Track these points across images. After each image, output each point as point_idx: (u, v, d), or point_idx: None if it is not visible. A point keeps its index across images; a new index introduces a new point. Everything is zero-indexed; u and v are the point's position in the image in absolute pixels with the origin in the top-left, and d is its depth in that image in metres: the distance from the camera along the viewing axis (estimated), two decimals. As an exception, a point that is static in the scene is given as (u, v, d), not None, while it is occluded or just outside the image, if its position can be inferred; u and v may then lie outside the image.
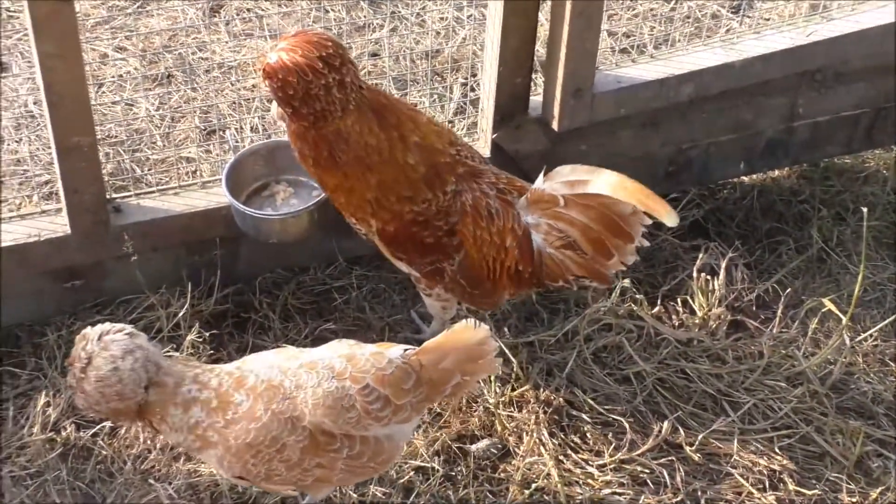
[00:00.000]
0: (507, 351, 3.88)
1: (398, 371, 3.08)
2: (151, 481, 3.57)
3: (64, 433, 3.68)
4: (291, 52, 3.32)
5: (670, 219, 3.34)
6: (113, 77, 4.61)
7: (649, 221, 3.45)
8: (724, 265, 4.18)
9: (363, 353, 3.13)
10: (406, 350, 3.14)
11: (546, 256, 3.54)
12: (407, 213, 3.52)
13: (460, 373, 3.13)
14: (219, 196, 3.93)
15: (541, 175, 3.52)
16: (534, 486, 3.61)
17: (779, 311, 4.11)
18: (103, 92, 4.56)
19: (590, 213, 3.44)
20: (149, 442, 3.68)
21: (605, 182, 3.39)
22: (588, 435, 3.77)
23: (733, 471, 3.70)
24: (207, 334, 3.91)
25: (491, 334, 3.14)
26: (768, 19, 4.68)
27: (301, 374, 3.09)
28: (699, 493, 3.63)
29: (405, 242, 3.58)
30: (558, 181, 3.47)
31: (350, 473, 3.18)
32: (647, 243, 3.53)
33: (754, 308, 4.19)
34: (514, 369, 3.88)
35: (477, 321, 3.15)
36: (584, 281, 3.58)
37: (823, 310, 4.01)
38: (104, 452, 3.66)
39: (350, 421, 3.07)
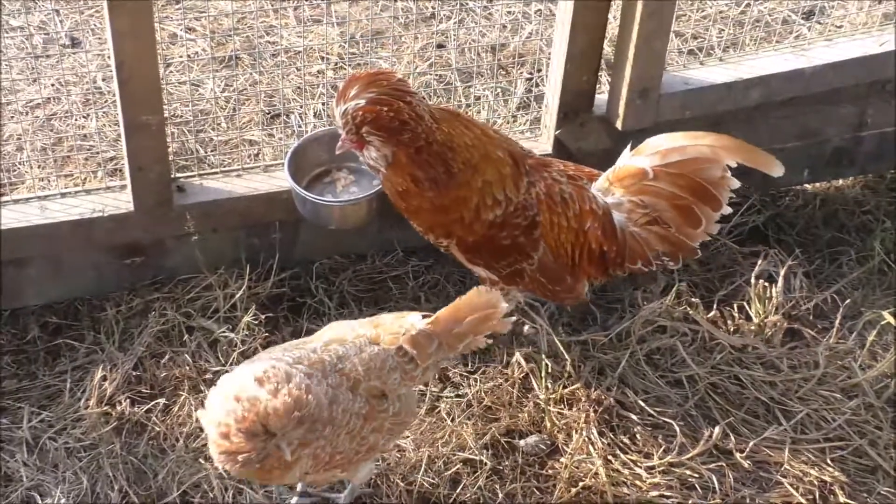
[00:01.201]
0: (561, 348, 3.89)
1: (422, 335, 3.19)
2: (202, 460, 3.60)
3: (119, 407, 3.73)
4: (365, 95, 3.39)
5: (777, 169, 3.42)
6: (181, 57, 4.65)
7: (737, 185, 3.50)
8: (782, 273, 4.14)
9: (386, 320, 3.25)
10: (423, 316, 3.24)
11: (629, 235, 3.55)
12: (490, 217, 3.55)
13: (473, 333, 3.24)
14: (280, 180, 3.96)
15: (626, 150, 3.53)
16: (581, 484, 3.61)
17: (836, 322, 4.07)
18: (171, 71, 4.61)
19: (680, 182, 3.46)
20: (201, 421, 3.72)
21: (705, 144, 3.42)
22: (638, 436, 3.75)
23: (783, 480, 3.67)
24: (263, 317, 3.94)
25: (501, 297, 3.24)
26: (840, 27, 4.63)
27: (335, 349, 3.14)
28: (748, 501, 3.61)
29: (481, 247, 3.60)
30: (648, 153, 3.48)
31: (391, 434, 3.27)
32: (730, 210, 3.57)
33: (811, 317, 4.15)
34: (567, 367, 3.88)
35: (487, 287, 3.27)
36: (664, 259, 3.58)
37: (882, 322, 3.98)
38: (157, 429, 3.70)
39: (395, 382, 3.16)
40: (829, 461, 3.72)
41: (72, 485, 3.55)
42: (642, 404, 3.82)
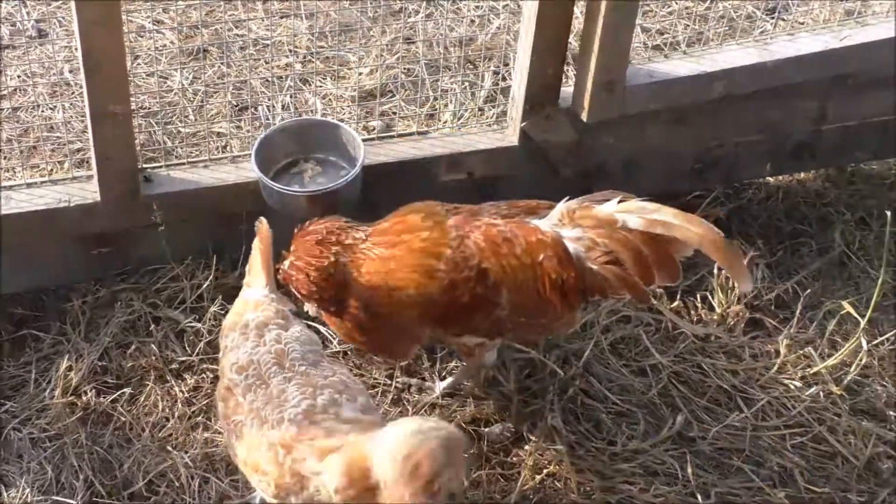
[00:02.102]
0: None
1: (277, 292, 3.42)
2: (169, 448, 3.61)
3: (84, 398, 3.74)
4: (292, 255, 3.55)
5: (746, 285, 3.31)
6: (149, 49, 4.66)
7: (691, 252, 3.36)
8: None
9: (258, 312, 3.32)
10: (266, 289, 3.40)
11: (587, 270, 3.38)
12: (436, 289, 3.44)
13: None
14: (248, 171, 3.97)
15: (614, 200, 3.36)
16: (545, 471, 3.64)
17: (797, 312, 4.12)
18: (139, 64, 4.61)
19: (650, 244, 3.32)
20: (167, 410, 3.73)
21: (694, 232, 3.25)
22: (602, 424, 3.79)
23: (744, 466, 3.72)
24: (230, 307, 3.94)
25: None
26: (803, 23, 4.68)
27: (294, 358, 3.19)
28: (709, 487, 3.65)
29: (450, 314, 3.47)
30: (636, 213, 3.31)
31: None
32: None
33: (773, 307, 4.20)
34: (532, 356, 3.91)
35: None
36: (623, 294, 3.42)
37: (842, 312, 4.03)
38: (123, 419, 3.71)
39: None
40: (789, 447, 3.77)
41: (36, 475, 3.55)
42: (606, 392, 3.86)
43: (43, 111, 4.42)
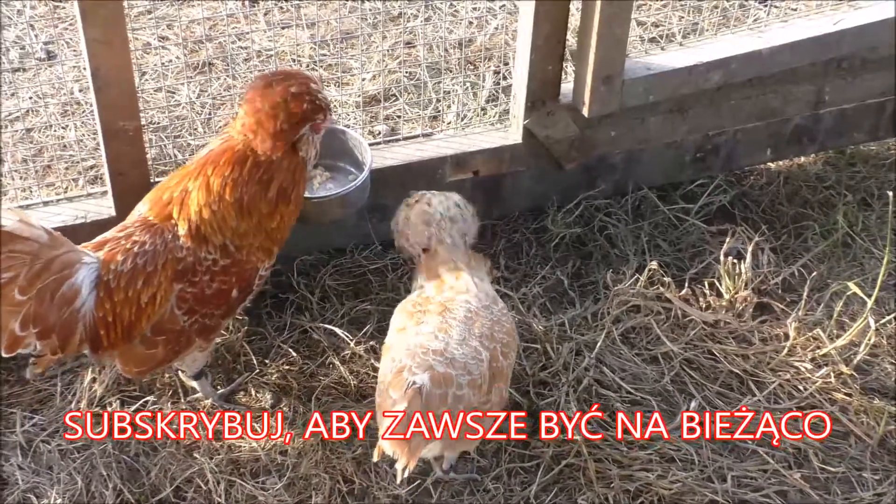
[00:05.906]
0: (539, 330, 3.99)
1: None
2: (195, 455, 3.68)
3: (109, 408, 3.80)
4: None
5: None
6: (155, 65, 4.73)
7: None
8: (750, 249, 4.24)
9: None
10: None
11: None
12: None
13: None
14: (258, 180, 4.03)
15: None
16: (564, 462, 3.69)
17: (804, 295, 4.18)
18: (146, 80, 4.69)
19: None
20: (191, 419, 3.79)
21: None
22: (617, 413, 3.85)
23: (759, 449, 3.77)
24: (243, 312, 4.03)
25: None
26: (795, 9, 4.74)
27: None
28: (726, 471, 3.70)
29: None
30: None
31: None
32: None
33: (780, 291, 4.26)
34: (548, 349, 3.97)
35: None
36: None
37: (848, 293, 4.07)
38: (148, 427, 3.77)
39: None
40: (803, 428, 3.83)
41: (67, 485, 3.60)
42: (620, 382, 3.92)
43: (55, 131, 4.50)
